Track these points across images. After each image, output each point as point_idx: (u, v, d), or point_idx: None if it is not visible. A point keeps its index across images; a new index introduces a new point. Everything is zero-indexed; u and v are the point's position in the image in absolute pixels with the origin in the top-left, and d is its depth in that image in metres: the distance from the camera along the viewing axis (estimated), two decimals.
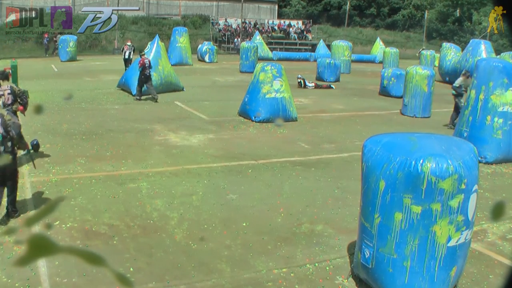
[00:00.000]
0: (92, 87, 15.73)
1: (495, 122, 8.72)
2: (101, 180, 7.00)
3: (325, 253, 5.06)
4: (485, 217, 5.88)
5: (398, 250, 3.93)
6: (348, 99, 16.22)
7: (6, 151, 5.29)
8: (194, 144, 9.38)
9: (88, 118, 11.12)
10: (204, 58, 27.62)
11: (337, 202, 6.56)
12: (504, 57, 20.26)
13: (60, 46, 25.94)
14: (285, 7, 45.47)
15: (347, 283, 4.47)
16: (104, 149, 8.67)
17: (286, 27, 38.91)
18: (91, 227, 5.38)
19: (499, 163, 8.74)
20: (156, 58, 15.30)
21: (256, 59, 22.27)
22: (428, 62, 25.98)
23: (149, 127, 10.63)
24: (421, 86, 13.20)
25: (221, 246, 5.09)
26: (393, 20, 45.79)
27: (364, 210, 4.20)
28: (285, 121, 11.50)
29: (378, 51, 33.65)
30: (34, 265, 4.31)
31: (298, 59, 31.84)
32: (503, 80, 8.76)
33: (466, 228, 3.94)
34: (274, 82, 11.64)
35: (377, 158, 4.03)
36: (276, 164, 8.23)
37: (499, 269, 4.79)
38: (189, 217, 5.82)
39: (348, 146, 9.68)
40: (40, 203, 5.99)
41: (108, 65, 23.19)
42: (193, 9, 38.09)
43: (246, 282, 4.43)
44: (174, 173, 7.50)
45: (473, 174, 3.94)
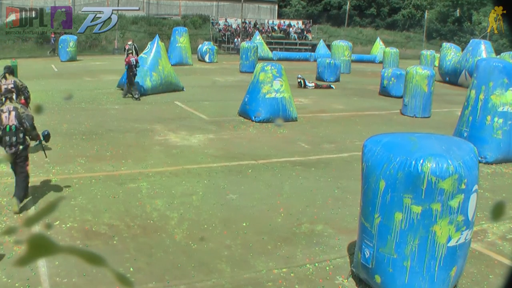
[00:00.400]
0: (92, 87, 15.73)
1: (495, 122, 8.72)
2: (101, 180, 7.00)
3: (325, 253, 5.06)
4: (485, 217, 5.88)
5: (398, 250, 3.93)
6: (348, 99, 16.22)
7: (18, 141, 5.73)
8: (194, 144, 9.39)
9: (88, 118, 11.12)
10: (204, 58, 27.61)
11: (337, 202, 6.56)
12: (504, 57, 20.26)
13: (60, 46, 25.94)
14: (285, 7, 45.46)
15: (347, 283, 4.47)
16: (104, 149, 8.67)
17: (286, 27, 38.91)
18: (91, 227, 5.38)
19: (499, 163, 8.74)
20: (156, 58, 15.31)
21: (256, 59, 22.26)
22: (428, 62, 25.97)
23: (149, 127, 10.63)
24: (421, 86, 13.20)
25: (221, 246, 5.10)
26: (393, 20, 45.78)
27: (364, 210, 4.20)
28: (285, 121, 11.50)
29: (378, 51, 33.64)
30: (34, 265, 4.31)
31: (298, 59, 31.83)
32: (503, 80, 8.76)
33: (466, 228, 3.94)
34: (274, 82, 11.64)
35: (377, 158, 4.03)
36: (276, 164, 8.23)
37: (499, 269, 4.79)
38: (189, 217, 5.82)
39: (348, 146, 9.68)
40: (40, 203, 6.00)
41: (108, 65, 23.19)
42: (193, 9, 38.08)
43: (246, 282, 4.43)
44: (174, 173, 7.50)
45: (473, 174, 3.94)
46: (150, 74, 14.92)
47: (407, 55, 34.99)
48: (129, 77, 13.82)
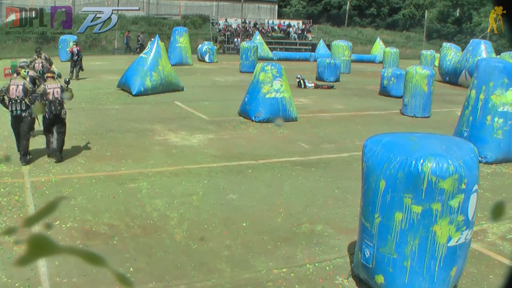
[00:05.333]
0: (92, 87, 15.72)
1: (495, 122, 8.72)
2: (101, 180, 7.00)
3: (325, 253, 5.06)
4: (485, 217, 5.88)
5: (398, 250, 3.93)
6: (348, 99, 16.22)
7: (21, 109, 7.62)
8: (194, 144, 9.38)
9: (88, 118, 11.12)
10: (204, 58, 27.60)
11: (337, 202, 6.56)
12: (504, 57, 20.25)
13: (60, 46, 25.92)
14: (285, 7, 45.43)
15: (347, 283, 4.47)
16: (104, 149, 8.67)
17: (286, 27, 38.88)
18: (91, 227, 5.38)
19: (499, 163, 8.74)
20: (156, 58, 15.31)
21: (256, 59, 22.25)
22: (428, 62, 25.96)
23: (149, 127, 10.62)
24: (421, 86, 13.20)
25: (221, 246, 5.09)
26: (393, 20, 45.76)
27: (364, 210, 4.20)
28: (285, 121, 11.49)
29: (378, 51, 33.62)
30: (34, 265, 4.31)
31: (298, 59, 31.81)
32: (503, 80, 8.76)
33: (466, 228, 3.94)
34: (274, 82, 11.64)
35: (377, 158, 4.03)
36: (276, 164, 8.23)
37: (499, 269, 4.79)
38: (189, 217, 5.82)
39: (348, 146, 9.68)
40: (40, 203, 6.00)
41: (108, 65, 23.18)
42: (193, 9, 38.04)
43: (246, 282, 4.43)
44: (174, 173, 7.50)
45: (473, 174, 3.94)
46: (150, 74, 14.92)
47: (407, 55, 34.98)
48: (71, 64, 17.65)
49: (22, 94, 7.63)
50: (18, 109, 7.59)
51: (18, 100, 7.59)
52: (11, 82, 7.78)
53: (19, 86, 7.69)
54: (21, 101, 7.61)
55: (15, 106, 7.60)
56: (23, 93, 7.64)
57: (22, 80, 7.88)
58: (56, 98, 7.81)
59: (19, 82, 7.75)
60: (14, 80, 7.81)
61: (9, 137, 9.11)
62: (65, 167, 7.54)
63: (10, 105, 7.65)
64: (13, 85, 7.69)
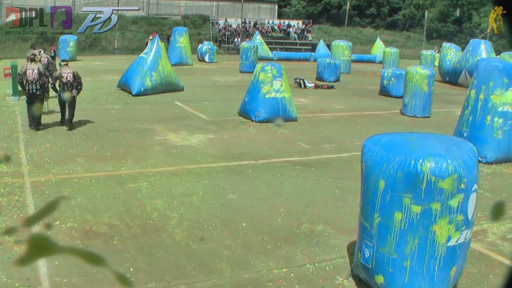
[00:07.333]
0: (92, 87, 15.70)
1: (495, 122, 8.72)
2: (101, 180, 7.00)
3: (325, 253, 5.07)
4: (485, 217, 5.88)
5: (398, 250, 3.93)
6: (348, 99, 16.22)
7: (36, 88, 9.48)
8: (194, 144, 9.39)
9: (88, 118, 11.12)
10: (204, 58, 27.59)
11: (337, 202, 6.56)
12: (504, 57, 20.24)
13: (60, 46, 25.92)
14: (285, 7, 45.41)
15: (347, 283, 4.47)
16: (104, 149, 8.67)
17: (286, 27, 38.88)
18: (91, 227, 5.38)
19: (499, 163, 8.74)
20: (156, 58, 15.30)
21: (256, 59, 22.23)
22: (428, 62, 25.95)
23: (149, 127, 10.63)
24: (421, 86, 13.20)
25: (221, 246, 5.10)
26: (393, 20, 45.75)
27: (364, 210, 4.21)
28: (285, 121, 11.49)
29: (378, 51, 33.58)
30: (34, 265, 4.31)
31: (298, 59, 31.79)
32: (503, 80, 8.76)
33: (466, 227, 3.95)
34: (274, 82, 11.64)
35: (376, 158, 4.03)
36: (276, 164, 8.23)
37: (499, 269, 4.79)
38: (189, 217, 5.82)
39: (348, 146, 9.68)
40: (40, 203, 6.00)
41: (108, 65, 23.17)
42: (193, 9, 38.04)
43: (246, 282, 4.43)
44: (174, 173, 7.51)
45: (473, 174, 3.94)
46: (150, 74, 14.92)
47: (407, 55, 34.96)
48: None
49: (37, 76, 9.46)
50: (33, 88, 9.46)
51: (34, 81, 9.42)
52: (28, 67, 9.50)
53: (34, 70, 9.50)
54: (36, 82, 9.44)
55: (31, 86, 9.44)
56: (38, 75, 9.47)
57: (36, 65, 9.74)
58: (69, 80, 9.68)
59: (34, 66, 9.57)
60: (30, 65, 9.56)
61: (9, 137, 9.12)
62: (65, 167, 7.54)
63: (26, 85, 9.43)
64: (29, 69, 9.47)
